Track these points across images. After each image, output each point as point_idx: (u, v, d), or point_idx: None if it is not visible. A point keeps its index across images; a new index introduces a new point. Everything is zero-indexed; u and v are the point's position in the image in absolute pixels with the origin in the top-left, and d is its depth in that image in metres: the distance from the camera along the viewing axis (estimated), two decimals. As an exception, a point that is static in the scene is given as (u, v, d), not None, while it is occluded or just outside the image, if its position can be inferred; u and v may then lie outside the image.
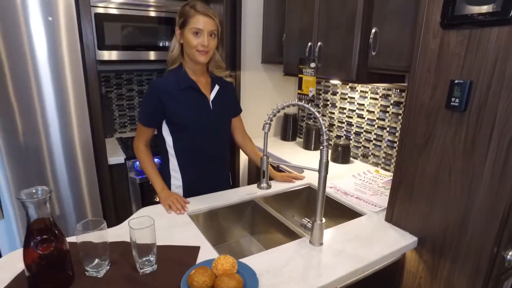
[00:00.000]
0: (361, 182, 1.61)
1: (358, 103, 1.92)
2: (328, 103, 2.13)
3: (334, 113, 2.09)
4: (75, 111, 1.66)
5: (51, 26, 1.51)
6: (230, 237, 1.41)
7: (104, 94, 2.30)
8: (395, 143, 1.73)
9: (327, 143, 0.98)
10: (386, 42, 1.35)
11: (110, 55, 1.96)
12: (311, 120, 2.33)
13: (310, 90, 1.70)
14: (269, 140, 2.29)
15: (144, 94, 1.34)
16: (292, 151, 2.11)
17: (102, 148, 1.81)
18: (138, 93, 2.45)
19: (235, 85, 1.56)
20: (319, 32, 1.62)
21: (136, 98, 2.45)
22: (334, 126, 2.11)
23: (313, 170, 1.03)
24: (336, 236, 1.12)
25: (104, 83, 2.32)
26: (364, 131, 1.90)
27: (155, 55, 2.08)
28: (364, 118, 1.90)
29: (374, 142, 1.85)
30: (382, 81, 1.58)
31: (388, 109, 1.74)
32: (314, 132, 2.12)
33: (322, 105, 2.18)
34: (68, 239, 0.88)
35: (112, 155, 1.93)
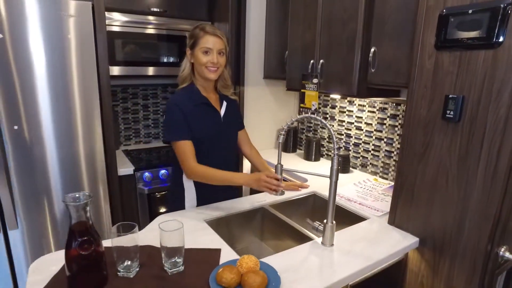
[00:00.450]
0: (362, 190, 1.71)
1: (357, 116, 2.04)
2: (328, 116, 2.25)
3: (333, 125, 2.21)
4: (91, 123, 1.74)
5: (68, 42, 1.60)
6: (242, 242, 1.48)
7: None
8: (392, 153, 1.85)
9: (338, 151, 1.09)
10: (384, 60, 1.48)
11: (119, 70, 2.05)
12: (311, 132, 2.45)
13: (313, 104, 1.82)
14: (270, 152, 2.41)
15: (165, 114, 1.39)
16: (294, 162, 2.21)
17: (113, 159, 1.88)
18: (143, 107, 2.53)
19: (238, 101, 1.66)
20: (321, 50, 1.75)
21: (141, 111, 2.53)
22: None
23: (324, 177, 1.13)
24: (344, 238, 1.21)
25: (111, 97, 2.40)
26: (363, 142, 2.02)
27: (160, 70, 2.18)
28: (362, 130, 2.02)
29: (372, 152, 1.97)
30: (380, 95, 1.71)
31: (385, 121, 1.87)
32: (315, 144, 2.23)
33: (322, 118, 2.30)
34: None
35: (121, 166, 2.00)
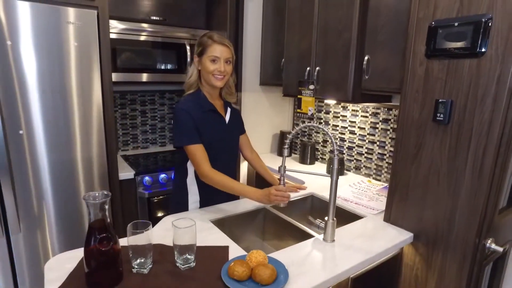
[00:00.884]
0: (357, 191, 1.79)
1: (350, 121, 2.14)
2: (322, 121, 2.34)
3: (328, 130, 2.30)
4: (92, 128, 1.78)
5: (72, 49, 1.65)
6: (244, 242, 1.54)
7: (110, 114, 2.41)
8: (385, 155, 1.94)
9: (338, 152, 1.16)
10: (377, 67, 1.58)
11: (118, 76, 2.09)
12: (305, 137, 2.53)
13: (309, 109, 1.90)
14: (267, 156, 2.48)
15: (175, 119, 1.42)
16: (290, 165, 2.28)
17: (114, 164, 1.91)
18: (141, 112, 2.57)
19: (240, 110, 1.72)
20: (317, 58, 1.84)
21: (139, 117, 2.57)
22: (328, 142, 2.31)
23: (326, 176, 1.20)
24: (344, 235, 1.28)
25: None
26: (356, 145, 2.11)
27: (158, 77, 2.23)
28: (355, 134, 2.11)
29: (365, 155, 2.06)
30: (373, 101, 1.81)
31: (377, 125, 1.97)
32: (310, 148, 2.31)
33: (317, 123, 2.39)
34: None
35: (122, 170, 2.03)
